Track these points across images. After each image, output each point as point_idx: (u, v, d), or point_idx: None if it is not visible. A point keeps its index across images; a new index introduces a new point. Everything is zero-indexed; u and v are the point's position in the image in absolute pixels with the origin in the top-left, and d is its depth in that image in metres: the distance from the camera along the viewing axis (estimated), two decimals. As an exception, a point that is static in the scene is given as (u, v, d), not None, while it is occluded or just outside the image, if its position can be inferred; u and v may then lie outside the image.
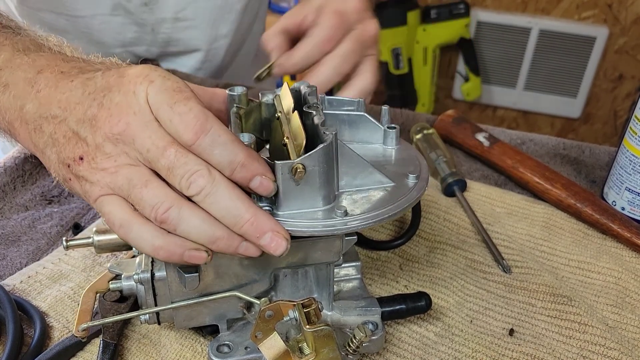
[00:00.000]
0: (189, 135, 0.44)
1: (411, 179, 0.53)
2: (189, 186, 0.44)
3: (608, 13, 2.32)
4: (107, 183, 0.46)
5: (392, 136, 0.58)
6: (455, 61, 2.56)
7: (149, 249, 0.46)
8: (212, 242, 0.46)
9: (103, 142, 0.46)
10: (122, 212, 0.46)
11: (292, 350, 0.47)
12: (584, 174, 0.88)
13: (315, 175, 0.47)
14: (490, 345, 0.59)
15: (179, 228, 0.45)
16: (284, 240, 0.46)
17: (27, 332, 0.57)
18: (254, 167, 0.46)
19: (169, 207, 0.44)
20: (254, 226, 0.45)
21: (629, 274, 0.67)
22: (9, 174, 0.78)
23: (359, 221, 0.48)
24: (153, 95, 0.46)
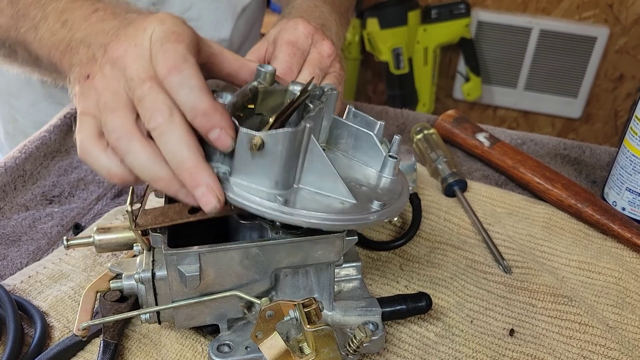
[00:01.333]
0: (162, 70, 0.47)
1: (375, 205, 0.50)
2: (149, 120, 0.47)
3: (609, 13, 2.32)
4: (93, 102, 0.50)
5: (390, 165, 0.56)
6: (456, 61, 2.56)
7: (104, 172, 0.49)
8: (154, 180, 0.48)
9: (105, 64, 0.51)
10: (88, 135, 0.49)
11: (292, 350, 0.47)
12: (585, 174, 0.88)
13: (273, 155, 0.47)
14: (490, 345, 0.59)
15: (125, 159, 0.48)
16: (215, 199, 0.46)
17: (28, 331, 0.57)
18: (215, 119, 0.46)
19: (120, 137, 0.47)
20: (191, 176, 0.46)
21: (629, 274, 0.67)
22: (9, 173, 0.78)
23: (292, 216, 0.47)
24: (156, 33, 0.49)
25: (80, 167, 0.82)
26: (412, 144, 0.90)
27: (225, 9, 1.03)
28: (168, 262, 0.49)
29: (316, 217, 0.47)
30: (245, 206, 0.47)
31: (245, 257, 0.50)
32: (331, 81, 0.72)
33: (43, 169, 0.80)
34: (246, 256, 0.50)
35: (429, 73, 2.47)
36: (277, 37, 0.73)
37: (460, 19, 2.39)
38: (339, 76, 0.73)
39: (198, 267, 0.49)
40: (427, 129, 0.89)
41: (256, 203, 0.47)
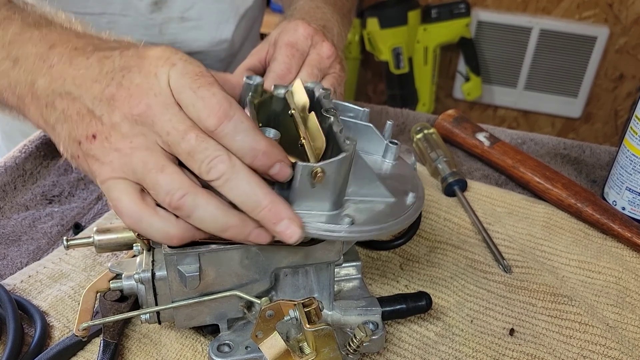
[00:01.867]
0: (212, 121, 0.44)
1: (410, 197, 0.54)
2: (209, 171, 0.44)
3: (609, 13, 2.32)
4: (121, 165, 0.46)
5: (393, 151, 0.59)
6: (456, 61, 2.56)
7: (160, 237, 0.46)
8: (225, 230, 0.46)
9: (120, 122, 0.46)
10: (131, 201, 0.45)
11: (292, 350, 0.47)
12: (585, 173, 0.88)
13: (332, 181, 0.48)
14: (490, 345, 0.59)
15: (193, 215, 0.45)
16: (299, 229, 0.46)
17: (28, 331, 0.57)
18: (274, 155, 0.46)
19: (185, 194, 0.44)
20: (271, 212, 0.45)
21: (629, 274, 0.67)
22: (9, 173, 0.78)
23: (362, 233, 0.49)
24: (175, 79, 0.46)
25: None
26: (412, 143, 0.90)
27: (227, 9, 1.03)
28: (168, 262, 0.49)
29: (382, 227, 0.50)
30: (322, 236, 0.48)
31: (245, 257, 0.50)
32: (330, 82, 0.72)
33: (43, 168, 0.80)
34: (246, 256, 0.50)
35: (429, 73, 2.47)
36: (277, 38, 0.73)
37: (460, 18, 2.39)
38: (339, 77, 0.73)
39: (198, 267, 0.49)
40: (427, 128, 0.89)
41: (330, 230, 0.48)
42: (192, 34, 1.03)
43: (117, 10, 0.95)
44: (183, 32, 1.02)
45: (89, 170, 0.48)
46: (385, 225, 0.50)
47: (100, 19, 0.95)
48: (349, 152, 0.47)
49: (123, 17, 0.96)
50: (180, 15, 1.00)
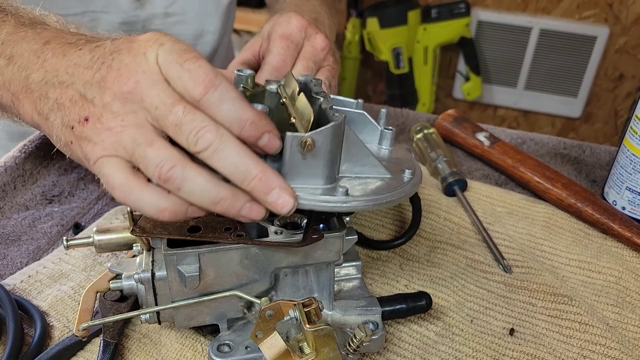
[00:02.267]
0: (198, 90, 0.45)
1: (407, 174, 0.54)
2: (196, 142, 0.44)
3: (609, 12, 2.32)
4: (112, 143, 0.46)
5: (388, 137, 0.60)
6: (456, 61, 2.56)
7: (152, 210, 0.46)
8: (215, 203, 0.46)
9: (111, 102, 0.47)
10: (121, 175, 0.46)
11: (292, 350, 0.47)
12: (585, 173, 0.88)
13: (323, 152, 0.48)
14: (490, 344, 0.59)
15: (182, 187, 0.45)
16: (291, 198, 0.46)
17: (28, 331, 0.57)
18: (262, 125, 0.46)
19: (173, 165, 0.44)
20: (262, 182, 0.45)
21: (629, 274, 0.67)
22: (9, 173, 0.78)
23: (358, 202, 0.49)
24: (163, 56, 0.46)
25: (80, 166, 0.82)
26: (412, 143, 0.90)
27: (210, 2, 1.04)
28: (168, 262, 0.49)
29: (379, 198, 0.50)
30: (316, 206, 0.48)
31: (245, 257, 0.50)
32: (325, 75, 0.72)
33: (43, 168, 0.80)
34: (246, 256, 0.50)
35: (428, 72, 2.47)
36: (270, 31, 0.74)
37: (460, 18, 2.39)
38: (333, 70, 0.74)
39: (198, 267, 0.49)
40: (427, 128, 0.89)
41: (324, 201, 0.48)
42: (176, 28, 1.03)
43: (99, 8, 0.95)
44: (167, 28, 1.02)
45: (82, 154, 0.49)
46: (381, 196, 0.50)
47: (83, 18, 0.95)
48: (338, 122, 0.48)
49: (105, 14, 0.96)
50: (164, 11, 1.00)
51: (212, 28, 1.07)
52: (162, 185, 0.46)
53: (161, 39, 0.47)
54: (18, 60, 0.53)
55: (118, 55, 0.48)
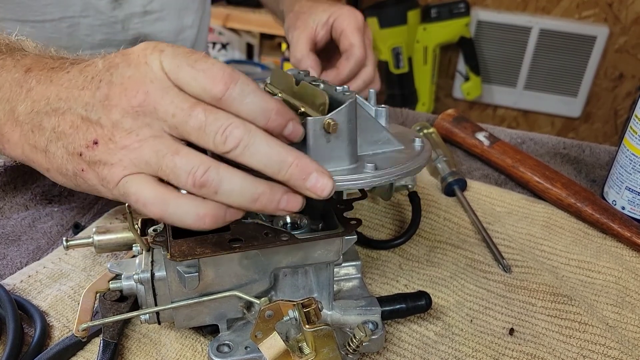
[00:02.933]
0: (219, 87, 0.43)
1: (417, 142, 0.55)
2: (225, 141, 0.43)
3: (608, 12, 2.32)
4: (131, 160, 0.44)
5: (383, 115, 0.59)
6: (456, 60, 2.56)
7: (192, 219, 0.44)
8: (255, 200, 0.44)
9: (121, 119, 0.44)
10: (152, 189, 0.44)
11: (292, 350, 0.47)
12: (584, 173, 0.88)
13: (344, 131, 0.48)
14: (490, 344, 0.59)
15: (220, 189, 0.43)
16: (330, 180, 0.45)
17: (28, 331, 0.57)
18: (286, 113, 0.45)
19: (207, 169, 0.43)
20: (299, 167, 0.44)
21: (629, 274, 0.67)
22: (9, 173, 0.78)
23: (390, 174, 0.49)
24: (168, 62, 0.44)
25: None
26: (412, 143, 0.90)
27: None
28: (167, 262, 0.49)
29: (406, 167, 0.51)
30: (352, 186, 0.48)
31: (245, 257, 0.50)
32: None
33: (42, 168, 0.80)
34: (245, 256, 0.50)
35: (428, 72, 2.47)
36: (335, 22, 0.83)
37: (459, 18, 2.39)
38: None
39: (197, 268, 0.49)
40: (426, 128, 0.89)
41: (357, 179, 0.48)
42: (156, 25, 1.03)
43: (77, 12, 0.94)
44: (147, 25, 1.02)
45: (98, 180, 0.46)
46: (408, 164, 0.51)
47: (61, 24, 0.94)
48: (352, 99, 0.48)
49: (83, 18, 0.95)
50: (143, 10, 1.00)
51: (191, 22, 1.07)
52: (197, 192, 0.44)
53: (159, 45, 0.46)
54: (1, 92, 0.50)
55: (116, 69, 0.46)
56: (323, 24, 0.84)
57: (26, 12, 0.91)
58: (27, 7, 0.91)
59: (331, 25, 0.84)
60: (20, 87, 0.49)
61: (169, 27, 1.04)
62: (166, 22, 1.04)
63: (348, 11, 0.83)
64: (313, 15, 0.86)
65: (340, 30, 0.83)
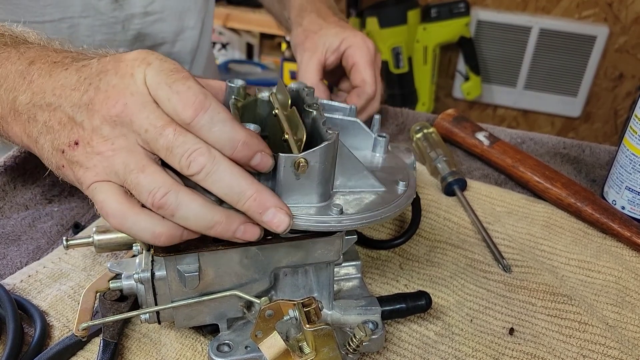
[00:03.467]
0: (188, 113, 0.44)
1: (401, 186, 0.54)
2: (189, 165, 0.44)
3: (608, 12, 2.32)
4: (104, 168, 0.46)
5: (382, 144, 0.60)
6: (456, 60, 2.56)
7: (148, 236, 0.45)
8: (210, 227, 0.45)
9: (100, 125, 0.46)
10: (116, 201, 0.45)
11: (292, 350, 0.47)
12: (584, 173, 0.88)
13: (316, 171, 0.48)
14: (490, 344, 0.59)
15: (177, 214, 0.44)
16: (287, 216, 0.46)
17: (28, 331, 0.57)
18: (254, 144, 0.46)
19: (167, 192, 0.44)
20: (257, 202, 0.45)
21: (629, 273, 0.67)
22: (9, 173, 0.78)
23: (352, 221, 0.49)
24: (151, 77, 0.45)
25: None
26: (412, 143, 0.90)
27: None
28: (167, 262, 0.49)
29: (373, 215, 0.50)
30: (310, 227, 0.48)
31: (245, 257, 0.50)
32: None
33: (42, 168, 0.80)
34: (245, 256, 0.50)
35: (428, 72, 2.47)
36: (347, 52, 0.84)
37: (459, 18, 2.39)
38: None
39: (197, 267, 0.49)
40: (426, 128, 0.89)
41: (320, 221, 0.48)
42: (156, 26, 1.03)
43: (77, 12, 0.94)
44: (147, 26, 1.02)
45: (74, 178, 0.48)
46: (376, 213, 0.50)
47: (61, 25, 0.94)
48: (331, 141, 0.48)
49: (84, 18, 0.95)
50: (143, 10, 1.00)
51: (192, 24, 1.07)
52: (155, 211, 0.45)
53: (148, 57, 0.46)
54: (4, 83, 0.52)
55: (105, 76, 0.47)
56: (334, 50, 0.83)
57: (25, 13, 0.91)
58: (26, 8, 0.91)
59: (342, 52, 0.84)
60: (23, 78, 0.51)
61: (169, 28, 1.04)
62: (166, 23, 1.04)
63: (361, 41, 0.82)
64: (323, 38, 0.85)
65: (352, 62, 0.83)
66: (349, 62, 0.85)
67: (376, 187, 0.53)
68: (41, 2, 0.90)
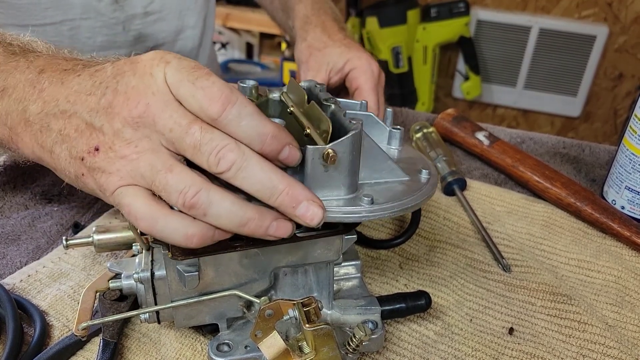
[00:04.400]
0: (215, 107, 0.43)
1: (424, 174, 0.54)
2: (218, 162, 0.43)
3: (608, 12, 2.32)
4: (128, 171, 0.44)
5: (397, 137, 0.60)
6: (455, 60, 2.56)
7: (180, 238, 0.44)
8: (243, 225, 0.44)
9: (122, 128, 0.45)
10: (144, 204, 0.44)
11: (291, 349, 0.47)
12: (584, 172, 0.88)
13: (344, 162, 0.47)
14: (489, 344, 0.59)
15: (209, 212, 0.43)
16: (320, 209, 0.45)
17: (27, 331, 0.57)
18: (283, 138, 0.45)
19: (198, 191, 0.43)
20: (289, 195, 0.44)
21: (628, 273, 0.67)
22: (8, 173, 0.78)
23: (384, 210, 0.49)
24: (172, 75, 0.44)
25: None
26: (412, 142, 0.90)
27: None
28: (167, 261, 0.49)
29: (403, 204, 0.50)
30: (343, 219, 0.48)
31: (245, 257, 0.50)
32: None
33: (42, 167, 0.80)
34: (245, 255, 0.50)
35: (428, 72, 2.47)
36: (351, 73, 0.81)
37: (459, 17, 2.39)
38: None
39: (197, 267, 0.49)
40: (426, 127, 0.89)
41: (351, 212, 0.48)
42: (157, 26, 1.03)
43: (78, 15, 0.93)
44: (147, 26, 1.02)
45: (96, 186, 0.46)
46: (406, 201, 0.50)
47: (62, 27, 0.93)
48: (357, 130, 0.47)
49: (84, 20, 0.95)
50: (143, 11, 1.00)
51: (192, 23, 1.07)
52: (186, 212, 0.44)
53: (166, 56, 0.45)
54: (13, 92, 0.51)
55: (122, 77, 0.46)
56: (337, 70, 0.81)
57: (26, 16, 0.91)
58: (27, 12, 0.91)
59: (346, 74, 0.82)
60: (33, 87, 0.50)
61: (169, 28, 1.05)
62: (166, 22, 1.04)
63: (366, 63, 0.80)
64: (327, 57, 0.83)
65: (355, 85, 0.81)
66: (352, 85, 0.82)
67: (401, 177, 0.53)
68: (42, 5, 0.90)
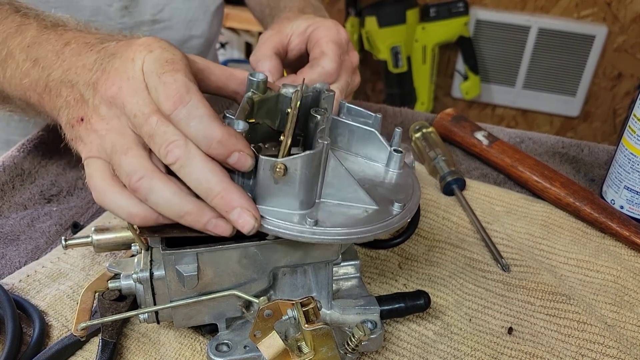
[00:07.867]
0: (167, 105, 0.46)
1: (396, 207, 0.51)
2: (166, 154, 0.46)
3: (607, 11, 2.32)
4: (97, 145, 0.49)
5: (397, 160, 0.57)
6: (455, 60, 2.56)
7: (124, 215, 0.48)
8: (181, 216, 0.47)
9: (99, 105, 0.49)
10: (101, 178, 0.48)
11: (290, 349, 0.47)
12: (583, 172, 0.88)
13: (296, 179, 0.47)
14: (489, 343, 0.59)
15: (149, 199, 0.46)
16: (252, 219, 0.46)
17: (26, 331, 0.57)
18: (230, 144, 0.46)
19: (141, 177, 0.46)
20: (224, 199, 0.46)
21: (627, 273, 0.67)
22: (7, 173, 0.78)
23: (326, 235, 0.47)
24: (148, 64, 0.48)
25: (78, 166, 0.82)
26: (411, 142, 0.90)
27: (197, 8, 1.04)
28: (166, 261, 0.49)
29: (347, 232, 0.48)
30: (279, 233, 0.47)
31: (244, 257, 0.50)
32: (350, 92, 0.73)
33: (41, 167, 0.80)
34: (244, 255, 0.50)
35: (427, 71, 2.47)
36: (314, 33, 0.72)
37: (458, 17, 2.39)
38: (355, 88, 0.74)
39: (196, 267, 0.49)
40: (425, 127, 0.89)
41: (288, 229, 0.47)
42: (164, 34, 1.03)
43: (86, 17, 0.94)
44: (154, 34, 1.01)
45: (78, 152, 0.51)
46: (354, 230, 0.48)
47: None
48: (315, 150, 0.47)
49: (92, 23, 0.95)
50: (152, 18, 1.00)
51: (199, 33, 1.07)
52: (132, 193, 0.47)
53: (153, 45, 0.49)
54: (42, 62, 0.55)
55: (113, 58, 0.50)
56: (299, 33, 0.73)
57: None
58: None
59: (308, 35, 0.73)
60: (57, 57, 0.54)
61: (175, 36, 1.04)
62: (173, 31, 1.04)
63: (331, 23, 0.72)
64: (292, 22, 0.76)
65: (315, 40, 0.72)
66: (312, 41, 0.72)
67: (367, 204, 0.51)
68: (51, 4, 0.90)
